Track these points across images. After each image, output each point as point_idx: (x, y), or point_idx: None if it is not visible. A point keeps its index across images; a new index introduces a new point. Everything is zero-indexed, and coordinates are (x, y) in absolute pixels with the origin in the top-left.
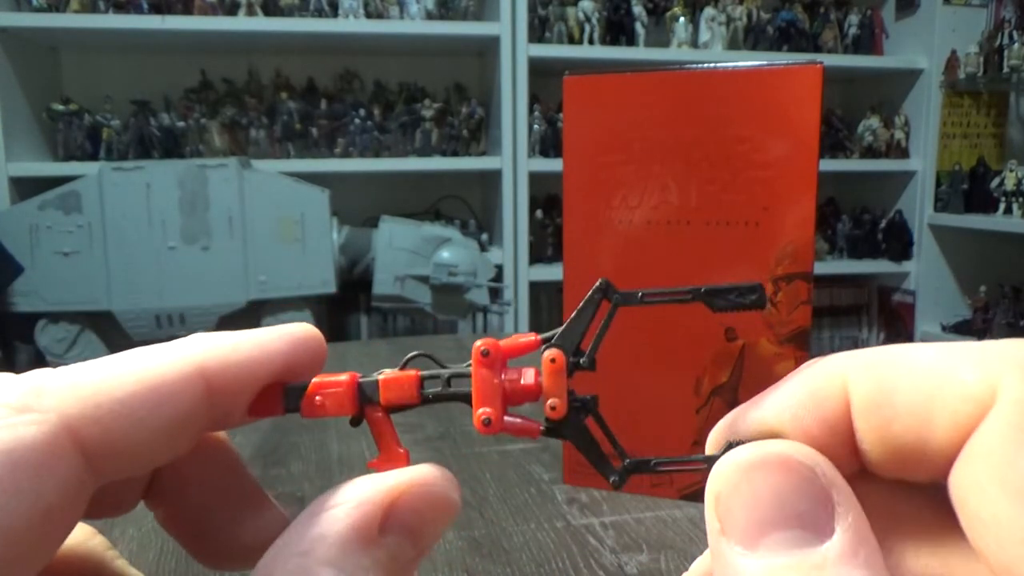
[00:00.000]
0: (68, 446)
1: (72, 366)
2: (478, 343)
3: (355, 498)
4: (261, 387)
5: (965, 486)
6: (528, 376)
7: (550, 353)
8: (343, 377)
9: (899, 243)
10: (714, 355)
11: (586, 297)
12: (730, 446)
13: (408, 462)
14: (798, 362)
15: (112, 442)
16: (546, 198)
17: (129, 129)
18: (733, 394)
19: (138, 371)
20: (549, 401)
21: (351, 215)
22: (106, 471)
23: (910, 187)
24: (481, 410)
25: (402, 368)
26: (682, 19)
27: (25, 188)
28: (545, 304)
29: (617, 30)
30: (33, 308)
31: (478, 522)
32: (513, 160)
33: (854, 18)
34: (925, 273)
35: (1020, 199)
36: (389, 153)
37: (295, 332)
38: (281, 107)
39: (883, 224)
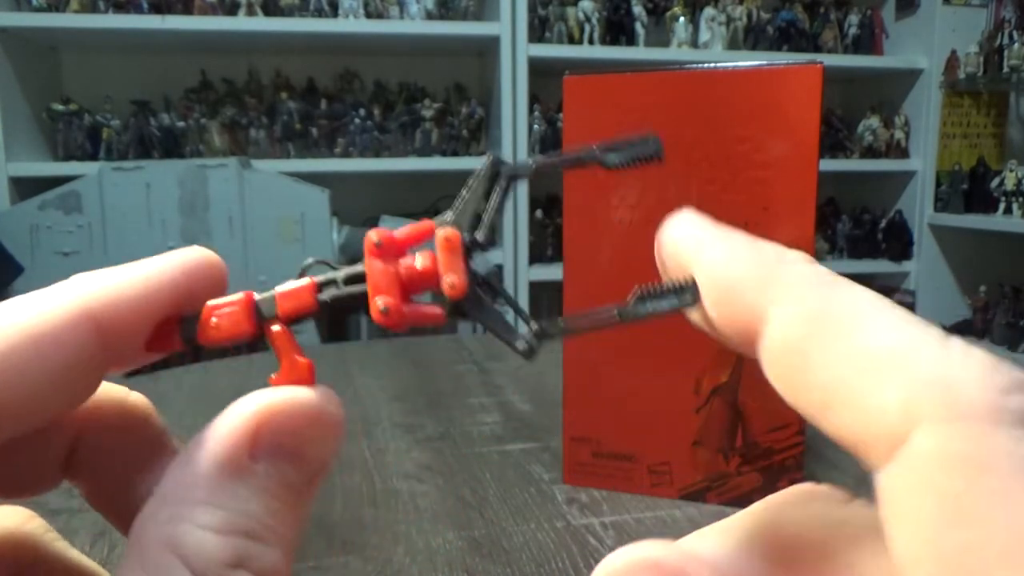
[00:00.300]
0: None
1: None
2: (370, 233)
3: (216, 430)
4: (156, 322)
5: (891, 532)
6: (424, 259)
7: (443, 232)
8: (238, 296)
9: (899, 243)
10: (714, 355)
11: (477, 171)
12: (641, 293)
13: (311, 372)
14: None
15: (3, 401)
16: (546, 198)
17: (129, 129)
18: (733, 394)
19: (18, 322)
20: (447, 280)
21: (351, 215)
22: (6, 429)
23: (910, 187)
24: (378, 298)
25: (299, 277)
26: (682, 19)
27: (25, 188)
28: (545, 304)
29: (617, 30)
30: None
31: (478, 522)
32: (513, 160)
33: (854, 18)
34: (925, 273)
35: (1020, 199)
36: (389, 153)
37: (188, 258)
38: (281, 107)
39: (883, 224)
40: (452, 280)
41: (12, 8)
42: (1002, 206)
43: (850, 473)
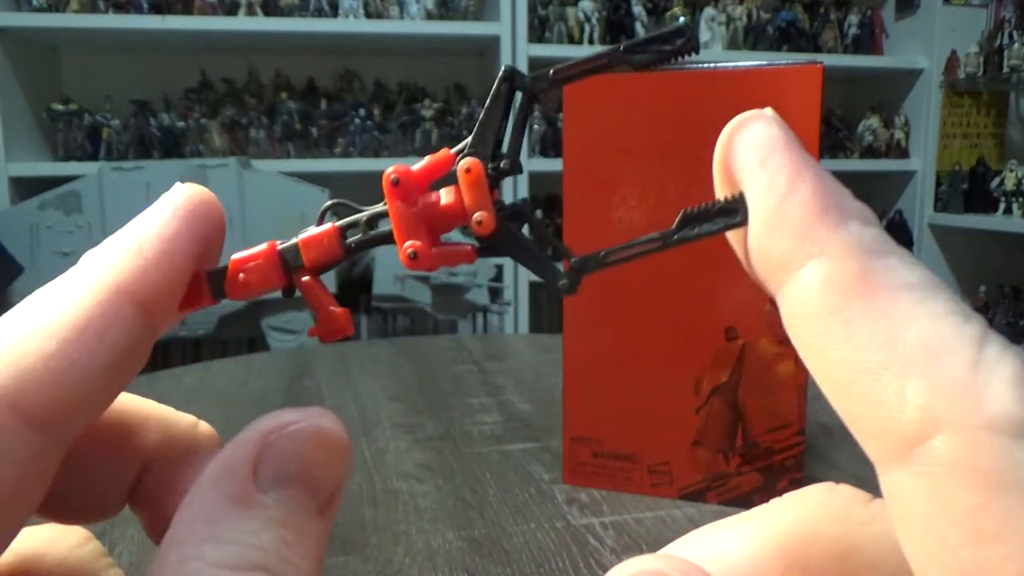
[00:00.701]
0: (13, 424)
1: None
2: (388, 170)
3: (217, 466)
4: (184, 280)
5: (902, 535)
6: (447, 195)
7: (464, 163)
8: (261, 247)
9: (899, 243)
10: (714, 355)
11: (492, 91)
12: (686, 216)
13: (348, 320)
14: (798, 362)
15: (58, 401)
16: (546, 198)
17: (129, 129)
18: (733, 394)
19: (62, 318)
20: (475, 216)
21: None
22: (63, 431)
23: (910, 187)
24: (406, 244)
25: (319, 223)
26: (682, 19)
27: (25, 188)
28: (545, 304)
29: (617, 30)
30: None
31: (478, 522)
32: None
33: (854, 18)
34: None
35: (1020, 199)
36: (389, 153)
37: (186, 203)
38: (281, 107)
39: (883, 224)
40: (480, 216)
41: (12, 8)
42: (1002, 206)
43: (850, 473)
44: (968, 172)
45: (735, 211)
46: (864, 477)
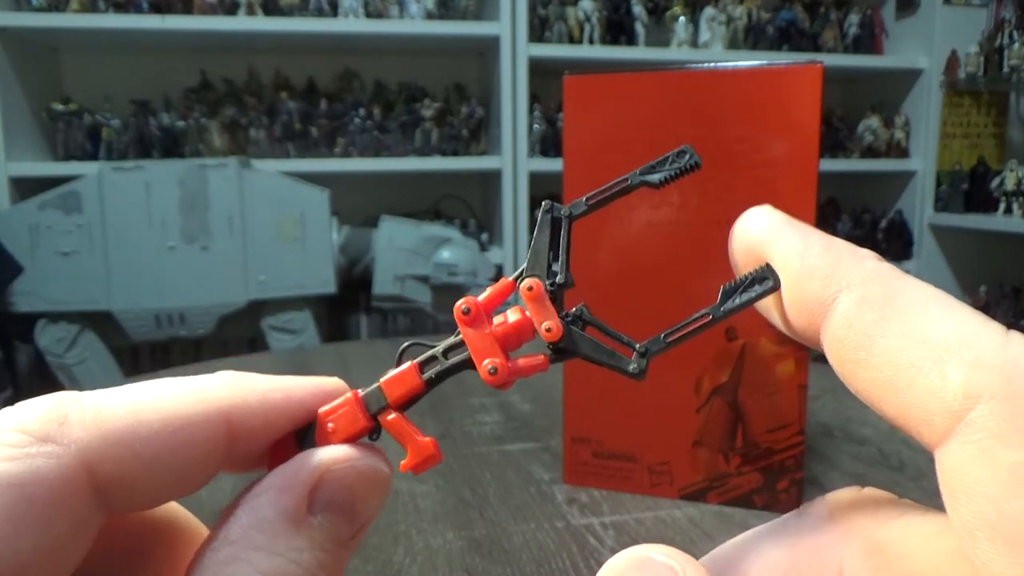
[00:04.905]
0: (83, 482)
1: (98, 393)
2: (458, 303)
3: (280, 481)
4: (278, 436)
5: (951, 506)
6: (514, 314)
7: (526, 283)
8: (345, 397)
9: (899, 243)
10: (714, 355)
11: (538, 222)
12: (726, 290)
13: (437, 448)
14: (798, 362)
15: (128, 480)
16: (546, 198)
17: (129, 129)
18: (733, 394)
19: (165, 411)
20: (543, 326)
21: (351, 215)
22: (118, 506)
23: (910, 187)
24: (485, 361)
25: (398, 364)
26: (682, 19)
27: (25, 188)
28: None
29: (617, 30)
30: (33, 308)
31: (478, 522)
32: (513, 160)
33: (854, 18)
34: (925, 273)
35: (1020, 199)
36: (389, 153)
37: (323, 385)
38: (281, 107)
39: (883, 224)
40: (547, 325)
41: (12, 8)
42: (1002, 206)
43: (850, 473)
44: (968, 172)
45: (766, 278)
46: (864, 477)
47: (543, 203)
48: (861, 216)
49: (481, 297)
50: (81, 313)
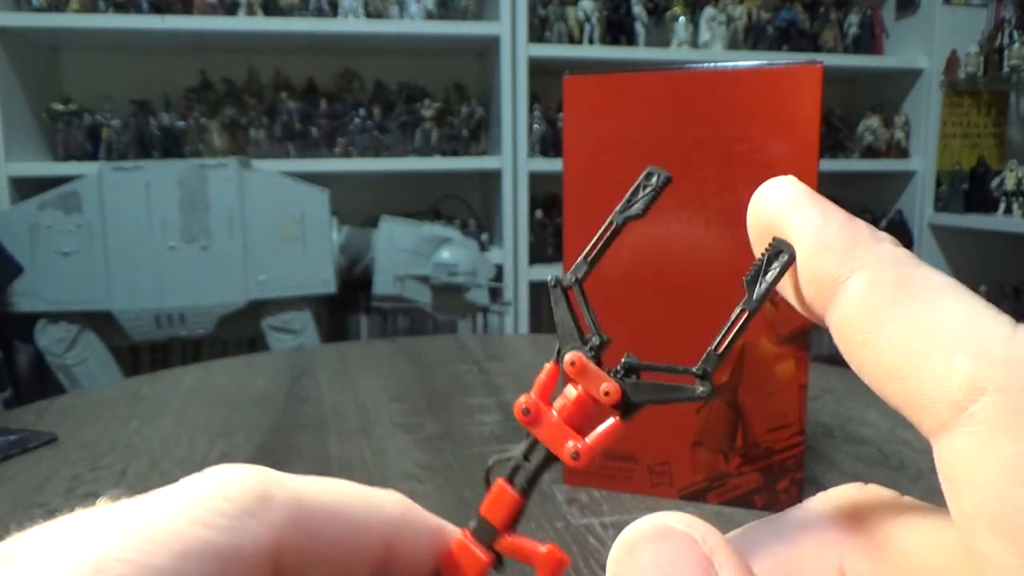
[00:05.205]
0: (269, 563)
1: (294, 478)
2: (518, 404)
3: None
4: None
5: (951, 496)
6: (571, 391)
7: (567, 359)
8: (455, 542)
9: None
10: None
11: (551, 298)
12: (750, 278)
13: (560, 551)
14: (798, 362)
15: (299, 570)
16: (546, 198)
17: (129, 129)
18: (733, 394)
19: (346, 513)
20: (601, 391)
21: (351, 215)
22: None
23: (910, 187)
24: (565, 448)
25: (488, 486)
26: (682, 19)
27: (25, 188)
28: (545, 304)
29: (617, 30)
30: (33, 308)
31: None
32: (513, 160)
33: (854, 18)
34: None
35: (1020, 199)
36: (389, 153)
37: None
38: (281, 107)
39: (883, 224)
40: (604, 388)
41: (12, 8)
42: (1002, 206)
43: (850, 473)
44: (968, 172)
45: (781, 252)
46: (864, 477)
47: (550, 278)
48: (861, 216)
49: (533, 391)
50: (81, 313)
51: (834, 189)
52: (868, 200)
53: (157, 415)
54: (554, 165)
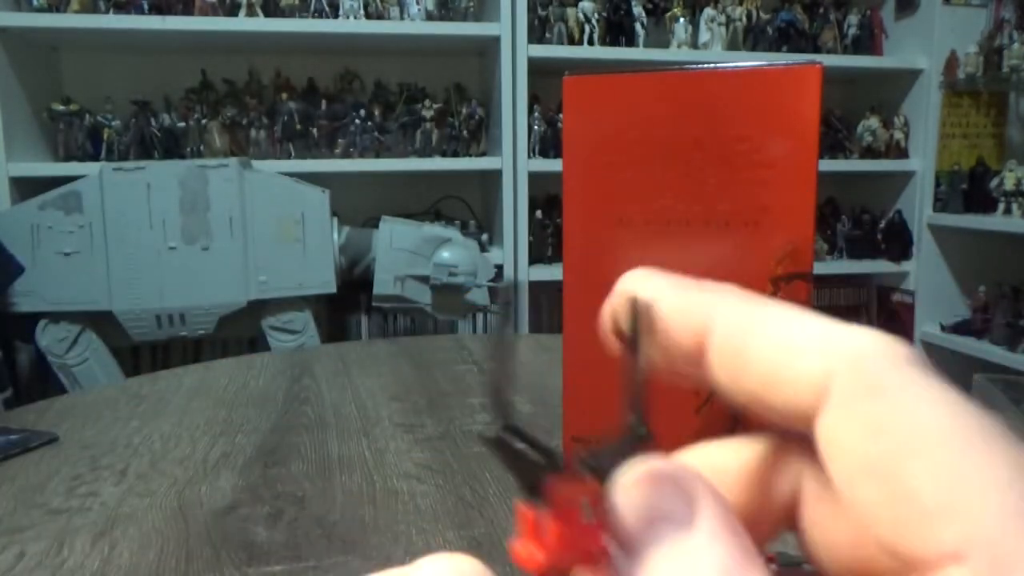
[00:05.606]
0: None
1: None
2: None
3: None
4: None
5: (833, 469)
6: (551, 529)
7: (521, 512)
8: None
9: (899, 243)
10: None
11: (499, 458)
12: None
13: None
14: None
15: None
16: (546, 198)
17: (130, 129)
18: None
19: None
20: (583, 503)
21: (351, 215)
22: None
23: (909, 187)
24: None
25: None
26: (682, 20)
27: (25, 188)
28: (545, 304)
29: (617, 30)
30: (33, 308)
31: (478, 522)
32: (513, 160)
33: (853, 18)
34: (924, 273)
35: (1020, 199)
36: (389, 153)
37: None
38: (281, 107)
39: (883, 224)
40: (583, 502)
41: (12, 8)
42: (1001, 206)
43: None
44: (968, 172)
45: (644, 309)
46: None
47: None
48: (860, 216)
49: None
50: (82, 313)
51: (834, 189)
52: (868, 200)
53: (158, 415)
54: (554, 165)
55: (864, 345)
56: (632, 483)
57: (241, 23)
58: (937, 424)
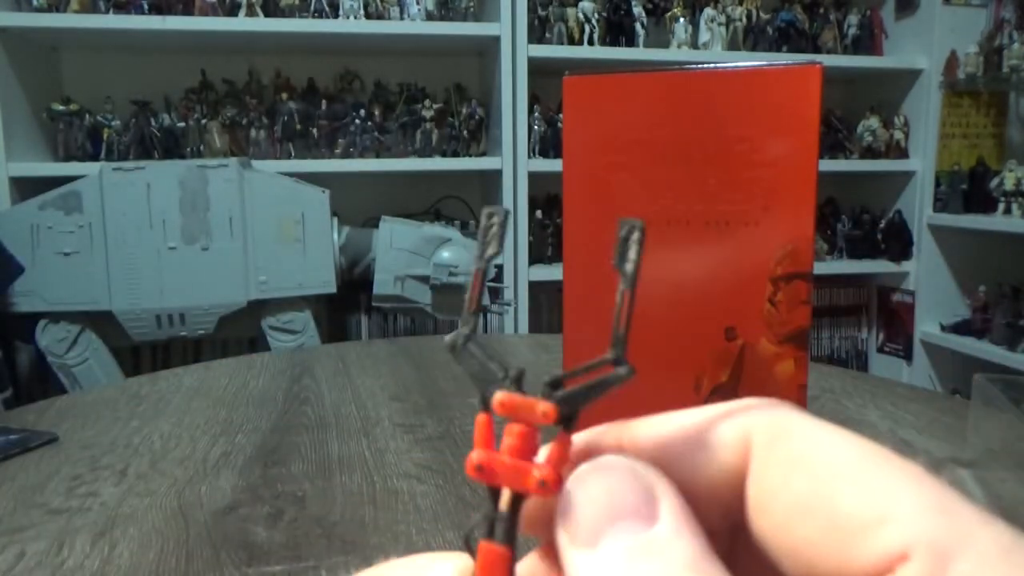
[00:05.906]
0: None
1: None
2: (469, 463)
3: None
4: None
5: (757, 512)
6: (512, 430)
7: (496, 399)
8: None
9: (899, 243)
10: (714, 355)
11: (456, 361)
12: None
13: None
14: (797, 362)
15: None
16: (546, 198)
17: (130, 129)
18: (733, 394)
19: None
20: (539, 413)
21: (351, 215)
22: None
23: (909, 187)
24: (530, 481)
25: (471, 553)
26: (682, 20)
27: (25, 188)
28: (545, 304)
29: (617, 30)
30: (33, 308)
31: None
32: (513, 160)
33: (853, 18)
34: (925, 273)
35: (1019, 199)
36: (389, 153)
37: None
38: (281, 107)
39: (883, 224)
40: (541, 410)
41: (12, 8)
42: (1001, 206)
43: None
44: (968, 172)
45: (632, 228)
46: None
47: (446, 344)
48: (860, 216)
49: (476, 447)
50: (82, 313)
51: (834, 189)
52: (867, 200)
53: (158, 415)
54: (554, 165)
55: (770, 405)
56: (591, 475)
57: (241, 23)
58: (847, 450)
